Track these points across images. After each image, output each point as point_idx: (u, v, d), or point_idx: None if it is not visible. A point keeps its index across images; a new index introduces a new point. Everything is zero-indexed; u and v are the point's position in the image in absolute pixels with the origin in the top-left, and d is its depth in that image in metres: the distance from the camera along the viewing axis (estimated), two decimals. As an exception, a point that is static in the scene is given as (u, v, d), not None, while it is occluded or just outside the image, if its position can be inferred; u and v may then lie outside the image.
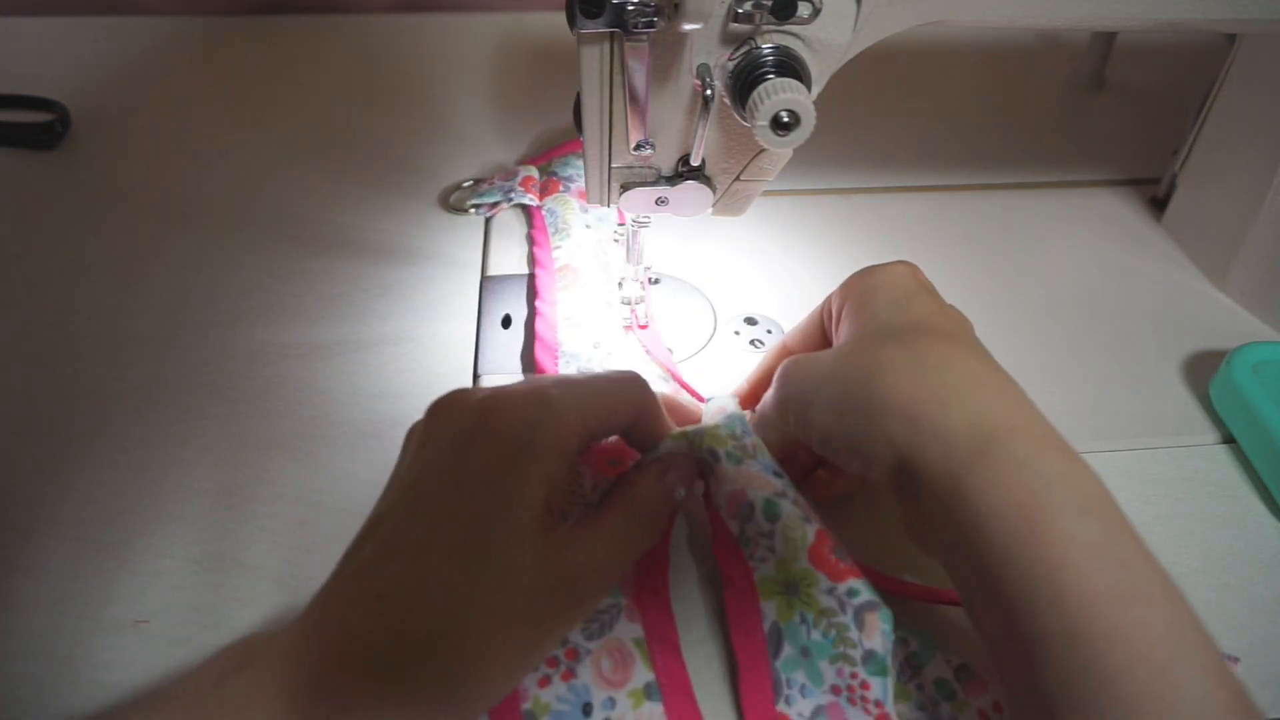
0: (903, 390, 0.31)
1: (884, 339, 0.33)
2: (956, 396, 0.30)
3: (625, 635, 0.34)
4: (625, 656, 0.33)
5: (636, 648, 0.33)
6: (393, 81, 0.70)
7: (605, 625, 0.34)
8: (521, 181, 0.56)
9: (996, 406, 0.30)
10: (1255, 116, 0.51)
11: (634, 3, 0.31)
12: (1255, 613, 0.38)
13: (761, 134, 0.33)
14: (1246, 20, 0.39)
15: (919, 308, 0.34)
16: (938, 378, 0.31)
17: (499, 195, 0.56)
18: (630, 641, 0.34)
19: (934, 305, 0.35)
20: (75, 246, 0.54)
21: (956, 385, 0.31)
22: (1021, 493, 0.28)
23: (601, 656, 0.33)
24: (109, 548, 0.38)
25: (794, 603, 0.34)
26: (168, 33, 0.75)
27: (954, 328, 0.34)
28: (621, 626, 0.34)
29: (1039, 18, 0.38)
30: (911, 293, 0.35)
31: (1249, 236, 0.51)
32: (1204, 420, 0.46)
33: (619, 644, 0.33)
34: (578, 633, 0.33)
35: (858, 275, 0.37)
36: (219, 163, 0.61)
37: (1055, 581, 0.26)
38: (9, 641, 0.35)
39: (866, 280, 0.36)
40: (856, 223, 0.57)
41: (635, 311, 0.47)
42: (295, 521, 0.40)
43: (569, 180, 0.57)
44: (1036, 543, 0.27)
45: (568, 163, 0.59)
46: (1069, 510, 0.27)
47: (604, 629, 0.34)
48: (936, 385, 0.31)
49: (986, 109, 0.70)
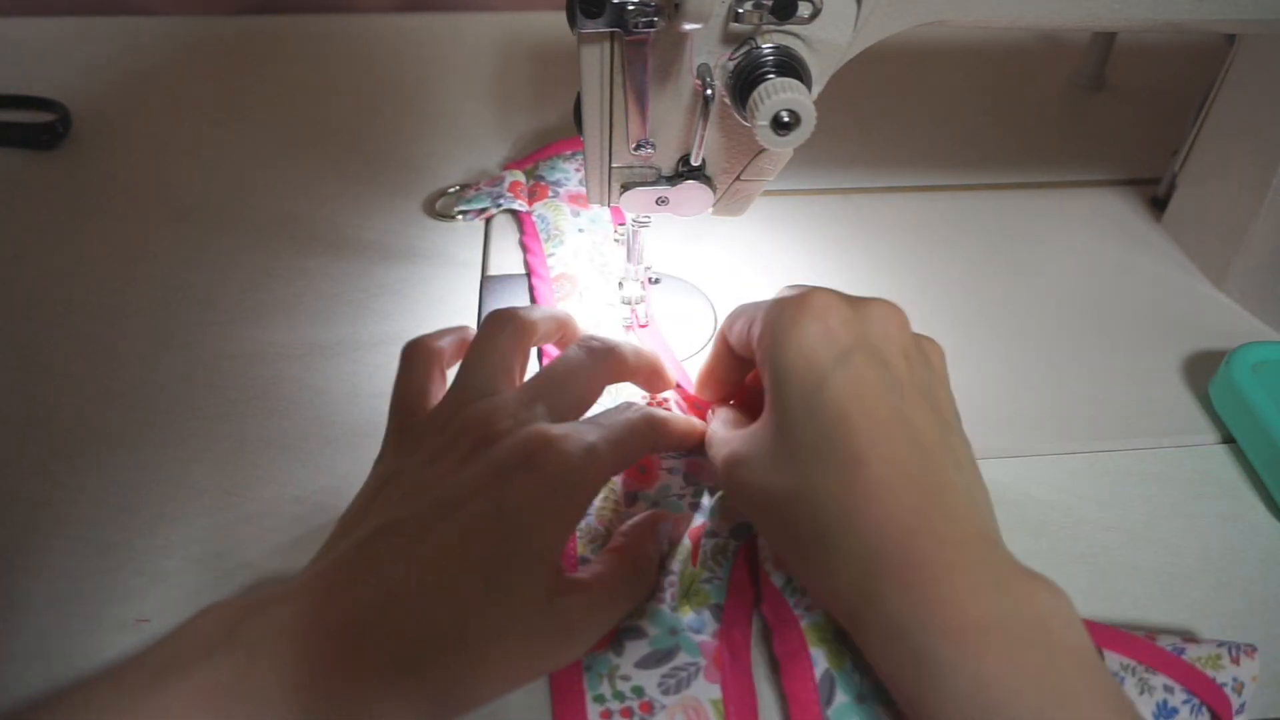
0: (805, 528, 0.31)
1: (794, 459, 0.31)
2: (846, 537, 0.30)
3: (702, 695, 0.33)
4: (701, 716, 0.33)
5: (713, 709, 0.33)
6: (393, 81, 0.70)
7: (682, 683, 0.33)
8: (509, 187, 0.56)
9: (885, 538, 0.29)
10: (1255, 116, 0.51)
11: (634, 3, 0.31)
12: (1255, 613, 0.38)
13: (762, 134, 0.33)
14: (1246, 20, 0.39)
15: (830, 406, 0.31)
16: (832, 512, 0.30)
17: (487, 201, 0.56)
18: (707, 702, 0.33)
19: (850, 390, 0.31)
20: (75, 246, 0.54)
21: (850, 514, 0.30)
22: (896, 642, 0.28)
23: (676, 713, 0.33)
24: (109, 547, 0.38)
25: (843, 650, 0.33)
26: (168, 33, 0.75)
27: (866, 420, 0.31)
28: (699, 685, 0.33)
29: (1039, 18, 0.38)
30: (823, 378, 0.31)
31: (1249, 236, 0.51)
32: (1204, 420, 0.46)
33: (695, 703, 0.33)
34: (654, 687, 0.33)
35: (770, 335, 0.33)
36: (219, 163, 0.61)
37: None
38: (9, 641, 0.35)
39: (778, 358, 0.33)
40: (856, 223, 0.57)
41: (635, 311, 0.47)
42: (295, 521, 0.40)
43: (557, 185, 0.57)
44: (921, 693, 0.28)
45: (555, 166, 0.58)
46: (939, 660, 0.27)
47: (680, 686, 0.33)
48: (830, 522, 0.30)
49: (986, 109, 0.70)
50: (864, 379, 0.31)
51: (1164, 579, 0.39)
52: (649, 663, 0.34)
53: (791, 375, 0.32)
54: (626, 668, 0.33)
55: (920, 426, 0.31)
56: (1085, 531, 0.41)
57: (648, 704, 0.33)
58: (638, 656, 0.34)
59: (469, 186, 0.58)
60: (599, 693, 0.33)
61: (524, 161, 0.60)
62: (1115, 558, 0.40)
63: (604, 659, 0.34)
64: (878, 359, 0.32)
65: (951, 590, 0.28)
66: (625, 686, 0.33)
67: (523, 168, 0.59)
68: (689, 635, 0.34)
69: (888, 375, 0.32)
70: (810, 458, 0.31)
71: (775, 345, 0.33)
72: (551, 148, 0.60)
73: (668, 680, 0.33)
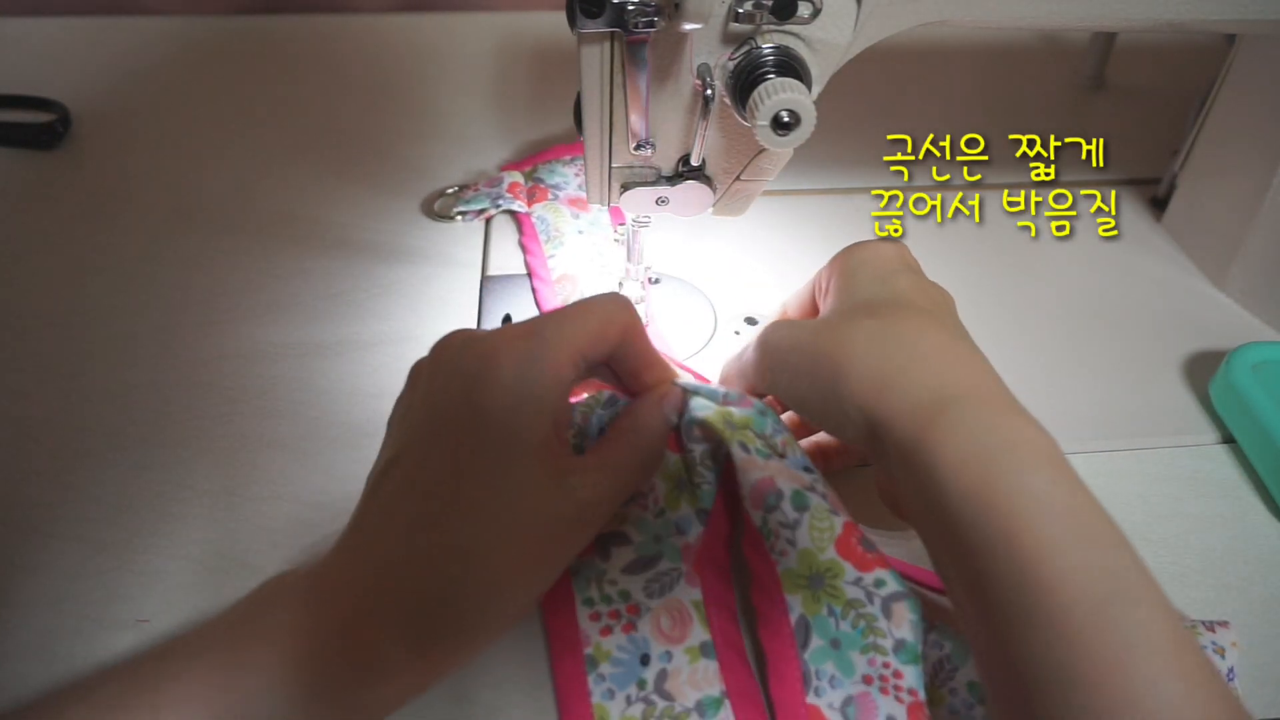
0: (871, 358, 0.32)
1: (861, 312, 0.34)
2: (921, 364, 0.32)
3: (684, 597, 0.35)
4: (683, 616, 0.35)
5: (695, 609, 0.35)
6: (393, 81, 0.70)
7: (665, 586, 0.35)
8: (508, 187, 0.56)
9: (959, 373, 0.32)
10: (1255, 116, 0.51)
11: (634, 3, 0.31)
12: (1255, 613, 0.38)
13: (762, 134, 0.33)
14: (1246, 20, 0.39)
15: (900, 285, 0.35)
16: (906, 348, 0.32)
17: (486, 202, 0.56)
18: (689, 603, 0.35)
19: (914, 283, 0.36)
20: (75, 246, 0.54)
21: (924, 354, 0.32)
22: (976, 449, 0.29)
23: (661, 614, 0.35)
24: (110, 547, 0.38)
25: (820, 595, 0.34)
26: (168, 33, 0.75)
27: (931, 304, 0.35)
28: (681, 589, 0.35)
29: (1039, 18, 0.38)
30: (894, 271, 0.36)
31: (1249, 236, 0.51)
32: (1204, 420, 0.46)
33: (679, 604, 0.35)
34: (640, 590, 0.35)
35: (846, 250, 0.38)
36: (219, 163, 0.61)
37: (1007, 531, 0.27)
38: (10, 641, 0.35)
39: (853, 256, 0.37)
40: (856, 223, 0.57)
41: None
42: (295, 521, 0.40)
43: (556, 188, 0.57)
44: (991, 496, 0.28)
45: (554, 170, 0.58)
46: (1021, 466, 0.28)
47: (664, 590, 0.35)
48: (904, 354, 0.32)
49: (986, 109, 0.70)
50: (928, 285, 0.36)
51: (1164, 579, 0.39)
52: (635, 568, 0.35)
53: (866, 263, 0.37)
54: (613, 573, 0.35)
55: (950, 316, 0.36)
56: (1085, 531, 0.41)
57: (634, 606, 0.35)
58: (624, 562, 0.35)
59: (468, 187, 0.58)
60: (588, 596, 0.35)
61: (523, 163, 0.60)
62: (1115, 558, 0.40)
63: (591, 564, 0.35)
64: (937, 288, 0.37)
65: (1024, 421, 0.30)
66: (613, 590, 0.35)
67: (521, 169, 0.59)
68: (671, 541, 0.36)
69: (945, 297, 0.37)
70: (885, 309, 0.34)
71: (851, 252, 0.37)
72: (550, 152, 0.60)
73: (652, 585, 0.35)
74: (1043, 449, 0.29)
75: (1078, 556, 0.27)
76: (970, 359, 0.33)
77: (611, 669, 0.34)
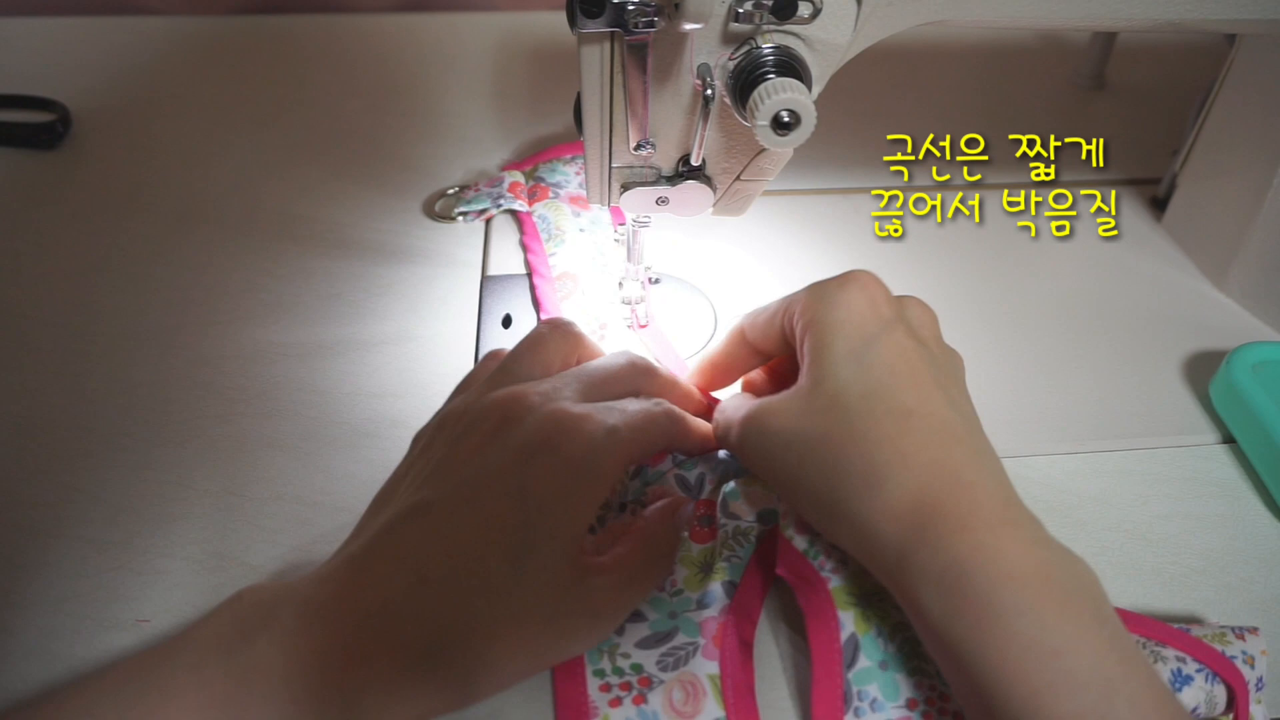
0: (851, 466, 0.31)
1: (838, 405, 0.32)
2: (899, 473, 0.30)
3: (700, 671, 0.34)
4: (698, 690, 0.33)
5: (710, 684, 0.33)
6: (393, 81, 0.70)
7: (681, 660, 0.34)
8: (509, 187, 0.56)
9: (942, 481, 0.30)
10: (1255, 116, 0.51)
11: (634, 3, 0.31)
12: (1255, 613, 0.38)
13: (762, 134, 0.33)
14: (1246, 20, 0.39)
15: (879, 361, 0.32)
16: (885, 452, 0.31)
17: (487, 202, 0.55)
18: (704, 677, 0.33)
19: (895, 352, 0.33)
20: (75, 247, 0.54)
21: (905, 455, 0.30)
22: (957, 582, 0.28)
23: (674, 687, 0.33)
24: (110, 547, 0.38)
25: (870, 615, 0.33)
26: (168, 33, 0.75)
27: (914, 382, 0.32)
28: (697, 662, 0.34)
29: (1039, 18, 0.38)
30: (871, 338, 0.33)
31: (1249, 236, 0.51)
32: (1204, 420, 0.46)
33: (693, 678, 0.33)
34: (653, 664, 0.34)
35: (816, 301, 0.35)
36: (219, 163, 0.61)
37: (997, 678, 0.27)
38: (10, 640, 0.35)
39: (825, 317, 0.34)
40: (856, 222, 0.57)
41: (635, 311, 0.47)
42: (295, 521, 0.40)
43: (557, 186, 0.57)
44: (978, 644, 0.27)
45: (555, 169, 0.58)
46: (1004, 608, 0.27)
47: (679, 663, 0.34)
48: (882, 461, 0.31)
49: (986, 109, 0.70)
50: (907, 347, 0.33)
51: (1164, 579, 0.39)
52: (648, 643, 0.34)
53: (840, 331, 0.33)
54: (626, 646, 0.34)
55: (957, 400, 0.33)
56: (1085, 531, 0.41)
57: (646, 679, 0.33)
58: (637, 638, 0.34)
59: (468, 188, 0.58)
60: (599, 667, 0.34)
61: (523, 163, 0.60)
62: (1115, 558, 0.40)
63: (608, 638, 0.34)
64: (916, 337, 0.34)
65: (1010, 540, 0.28)
66: (625, 664, 0.34)
67: (522, 169, 0.59)
68: (688, 617, 0.35)
69: (926, 352, 0.34)
70: (859, 405, 0.32)
71: (823, 307, 0.34)
72: (551, 151, 0.60)
73: (666, 659, 0.34)
74: (1029, 576, 0.28)
75: (1068, 705, 0.26)
76: (955, 450, 0.31)
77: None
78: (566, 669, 0.34)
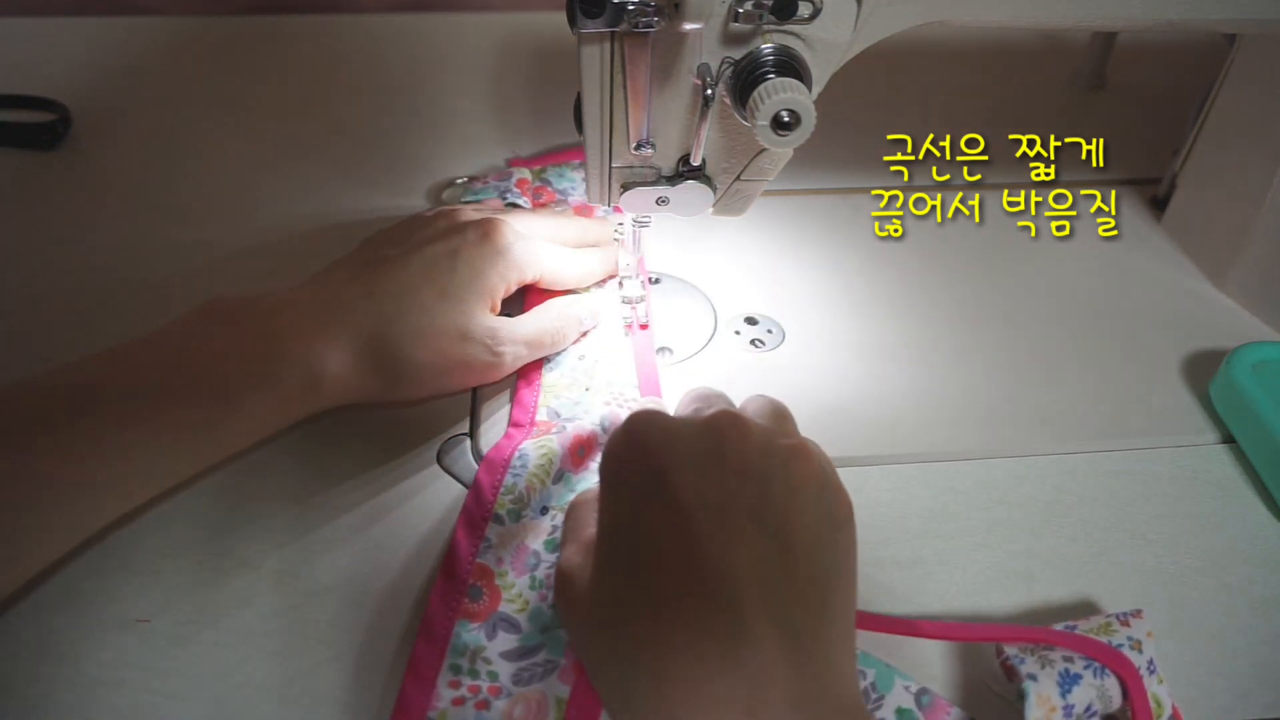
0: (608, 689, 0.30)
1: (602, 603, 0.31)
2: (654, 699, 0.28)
3: (550, 691, 0.33)
4: (541, 710, 0.33)
5: (555, 706, 0.33)
6: (393, 81, 0.70)
7: (535, 677, 0.34)
8: (516, 183, 0.56)
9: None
10: (1255, 116, 0.51)
11: (634, 2, 0.31)
12: (1255, 613, 0.38)
13: (762, 134, 0.33)
14: (1246, 20, 0.39)
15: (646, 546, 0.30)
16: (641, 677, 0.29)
17: (494, 194, 0.56)
18: (551, 698, 0.33)
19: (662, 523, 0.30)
20: (75, 246, 0.54)
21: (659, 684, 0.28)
22: None
23: (519, 703, 0.33)
24: (110, 546, 0.38)
25: None
26: (168, 33, 0.75)
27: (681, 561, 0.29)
28: (550, 683, 0.34)
29: (1039, 18, 0.38)
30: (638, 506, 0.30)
31: (1249, 236, 0.51)
32: (1204, 420, 0.46)
33: (540, 696, 0.33)
34: (508, 677, 0.34)
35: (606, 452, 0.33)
36: (219, 162, 0.61)
37: None
38: (10, 639, 0.35)
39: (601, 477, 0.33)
40: (856, 223, 0.57)
41: (635, 311, 0.47)
42: (295, 521, 0.40)
43: (564, 193, 0.57)
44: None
45: (563, 174, 0.58)
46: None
47: (532, 679, 0.34)
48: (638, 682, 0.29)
49: (987, 109, 0.70)
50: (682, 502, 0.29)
51: (1164, 579, 0.39)
52: (511, 656, 0.34)
53: (609, 498, 0.32)
54: (491, 653, 0.34)
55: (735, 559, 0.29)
56: (1085, 531, 0.41)
57: (497, 688, 0.34)
58: (504, 648, 0.35)
59: (476, 179, 0.58)
60: (457, 662, 0.34)
61: (531, 162, 0.60)
62: (1115, 558, 0.40)
63: (476, 637, 0.35)
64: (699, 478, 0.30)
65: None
66: (484, 669, 0.34)
67: (530, 167, 0.59)
68: (558, 634, 0.35)
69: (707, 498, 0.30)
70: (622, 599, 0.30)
71: (601, 468, 0.33)
72: (559, 155, 0.60)
73: (523, 673, 0.34)
74: None
75: None
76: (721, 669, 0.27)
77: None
78: (427, 648, 0.34)
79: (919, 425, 0.45)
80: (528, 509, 0.38)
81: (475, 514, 0.38)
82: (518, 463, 0.39)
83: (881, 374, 0.48)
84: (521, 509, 0.38)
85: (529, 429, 0.42)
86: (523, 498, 0.38)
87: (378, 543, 0.39)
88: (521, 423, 0.43)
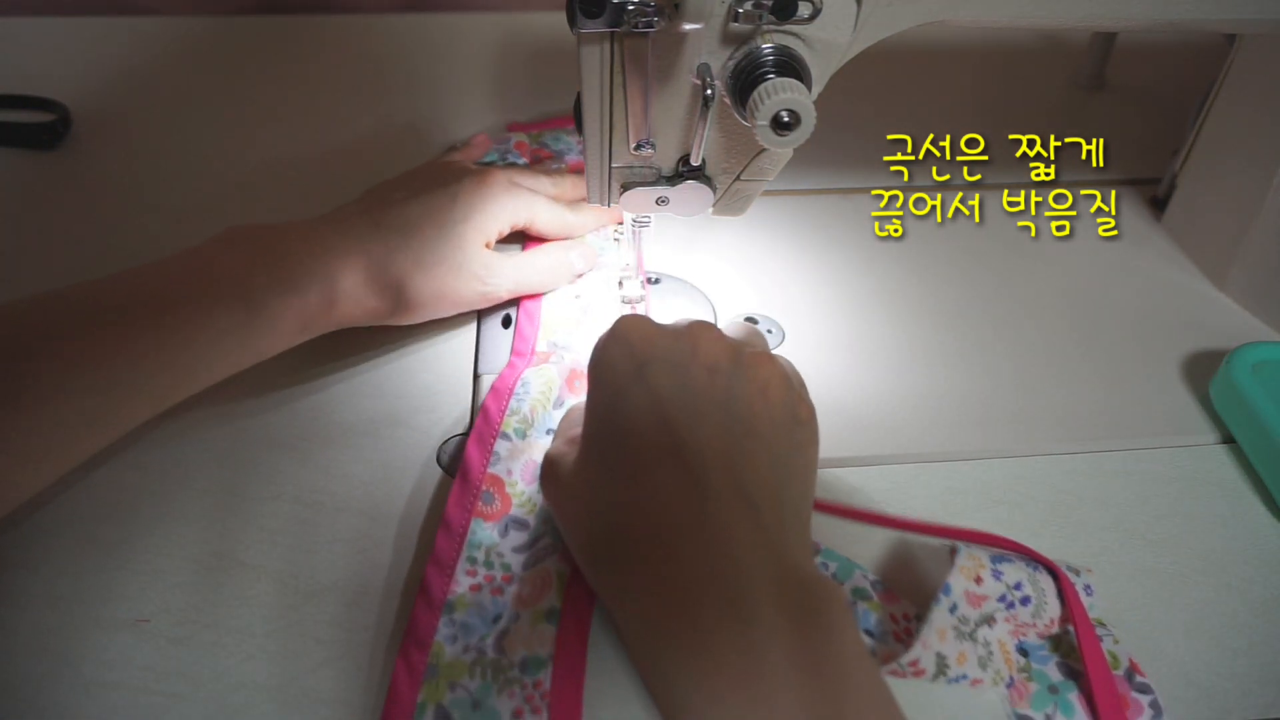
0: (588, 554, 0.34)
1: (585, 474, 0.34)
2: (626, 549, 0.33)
3: (552, 566, 0.37)
4: (545, 582, 0.36)
5: (557, 579, 0.37)
6: (393, 81, 0.70)
7: (538, 558, 0.37)
8: (515, 145, 0.58)
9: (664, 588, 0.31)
10: (1255, 116, 0.51)
11: (634, 3, 0.31)
12: (1255, 613, 0.38)
13: (762, 134, 0.33)
14: (1246, 20, 0.39)
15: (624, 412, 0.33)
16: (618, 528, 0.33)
17: (495, 156, 0.57)
18: (554, 572, 0.37)
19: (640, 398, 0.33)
20: (76, 246, 0.54)
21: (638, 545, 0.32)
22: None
23: (526, 582, 0.37)
24: (110, 546, 0.38)
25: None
26: (168, 33, 0.75)
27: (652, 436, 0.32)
28: (552, 560, 0.37)
29: (1039, 18, 0.38)
30: (621, 391, 0.33)
31: (1249, 236, 0.51)
32: (1204, 420, 0.46)
33: (545, 572, 0.37)
34: (518, 564, 0.37)
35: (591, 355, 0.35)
36: (219, 163, 0.61)
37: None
38: (9, 639, 0.35)
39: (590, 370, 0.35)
40: (856, 223, 0.57)
41: (635, 310, 0.47)
42: (295, 521, 0.40)
43: (560, 154, 0.58)
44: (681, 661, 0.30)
45: (559, 137, 0.60)
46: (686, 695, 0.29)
47: (537, 560, 0.37)
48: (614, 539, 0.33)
49: (986, 109, 0.70)
50: (658, 387, 0.33)
51: (1164, 579, 0.39)
52: (523, 549, 0.38)
53: (595, 389, 0.35)
54: (504, 548, 0.38)
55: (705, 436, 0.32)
56: (1085, 531, 0.41)
57: (509, 576, 0.37)
58: (515, 544, 0.38)
59: (472, 145, 0.58)
60: (473, 555, 0.37)
61: (529, 126, 0.61)
62: (1115, 558, 0.40)
63: (490, 535, 0.38)
64: (674, 370, 0.33)
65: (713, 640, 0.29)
66: (497, 561, 0.37)
67: (528, 131, 0.60)
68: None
69: (681, 386, 0.33)
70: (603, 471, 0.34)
71: (590, 365, 0.35)
72: (556, 121, 0.62)
73: (530, 558, 0.38)
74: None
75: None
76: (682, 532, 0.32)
77: (464, 617, 0.35)
78: (447, 541, 0.37)
79: (919, 425, 0.45)
80: (532, 429, 0.41)
81: (484, 432, 0.41)
82: (521, 390, 0.42)
83: (881, 374, 0.48)
84: (526, 429, 0.41)
85: (529, 358, 0.45)
86: (527, 419, 0.41)
87: (378, 543, 0.39)
88: (523, 352, 0.46)
